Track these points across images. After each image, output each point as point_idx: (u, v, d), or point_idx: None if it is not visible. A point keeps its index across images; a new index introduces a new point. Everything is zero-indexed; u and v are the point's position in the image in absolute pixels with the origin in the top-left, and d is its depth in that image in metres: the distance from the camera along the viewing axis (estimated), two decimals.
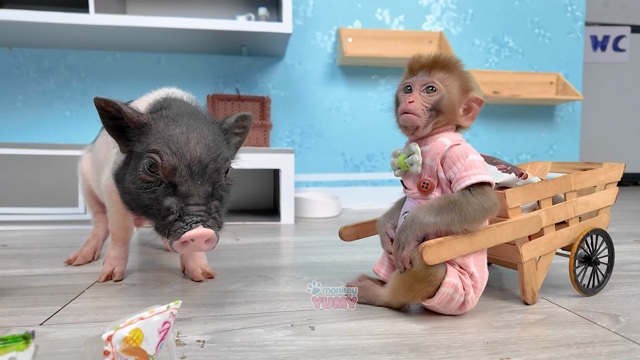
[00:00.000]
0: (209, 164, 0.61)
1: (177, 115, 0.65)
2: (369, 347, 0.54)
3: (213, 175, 0.62)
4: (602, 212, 0.79)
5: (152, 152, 0.60)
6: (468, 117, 0.66)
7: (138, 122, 0.64)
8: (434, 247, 0.58)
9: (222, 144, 0.65)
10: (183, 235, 0.56)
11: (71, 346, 0.54)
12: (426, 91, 0.64)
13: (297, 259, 1.02)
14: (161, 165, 0.59)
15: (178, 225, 0.57)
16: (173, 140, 0.60)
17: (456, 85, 0.64)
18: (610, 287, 0.79)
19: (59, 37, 1.62)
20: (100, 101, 0.64)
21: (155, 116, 0.65)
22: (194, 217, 0.58)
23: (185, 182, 0.59)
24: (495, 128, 2.12)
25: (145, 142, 0.62)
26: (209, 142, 0.62)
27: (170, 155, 0.59)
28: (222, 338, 0.56)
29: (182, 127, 0.62)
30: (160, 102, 0.71)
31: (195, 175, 0.60)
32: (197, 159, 0.60)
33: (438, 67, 0.65)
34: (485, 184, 0.61)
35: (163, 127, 0.62)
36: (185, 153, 0.60)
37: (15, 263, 0.96)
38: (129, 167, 0.65)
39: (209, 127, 0.65)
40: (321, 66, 1.96)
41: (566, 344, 0.55)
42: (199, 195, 0.60)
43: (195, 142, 0.61)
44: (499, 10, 2.08)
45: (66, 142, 1.79)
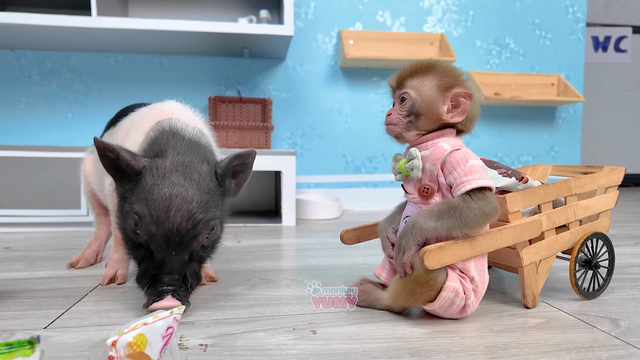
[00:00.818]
0: (187, 234, 0.61)
1: (169, 169, 0.64)
2: (370, 351, 0.54)
3: (191, 243, 0.62)
4: (602, 216, 0.80)
5: (135, 214, 0.62)
6: (457, 112, 0.65)
7: (134, 170, 0.64)
8: (435, 252, 0.59)
9: (211, 203, 0.65)
10: (150, 306, 0.60)
11: (75, 350, 0.54)
12: (400, 101, 0.67)
13: (298, 262, 1.03)
14: (140, 229, 0.61)
15: (149, 292, 0.62)
16: (155, 205, 0.61)
17: (431, 85, 0.65)
18: (611, 291, 0.80)
19: (61, 39, 1.63)
20: (100, 144, 0.65)
21: (149, 166, 0.64)
22: (165, 287, 0.61)
23: (161, 251, 0.61)
24: (497, 130, 2.12)
25: (134, 197, 0.64)
26: (192, 208, 0.62)
27: (149, 223, 0.60)
28: (225, 342, 0.57)
29: (167, 188, 0.62)
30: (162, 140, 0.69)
31: (172, 244, 0.61)
32: (175, 228, 0.60)
33: (409, 76, 0.67)
34: (486, 189, 0.61)
35: (150, 185, 0.62)
36: (164, 222, 0.60)
37: (18, 265, 0.97)
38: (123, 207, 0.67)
39: (198, 185, 0.64)
40: (322, 68, 1.96)
41: (566, 348, 0.56)
42: (172, 264, 0.62)
43: (175, 210, 0.61)
44: (500, 12, 2.08)
45: (68, 144, 1.80)
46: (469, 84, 0.68)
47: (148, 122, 0.74)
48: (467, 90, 0.64)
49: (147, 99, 1.81)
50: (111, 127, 0.95)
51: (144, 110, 0.82)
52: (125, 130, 0.83)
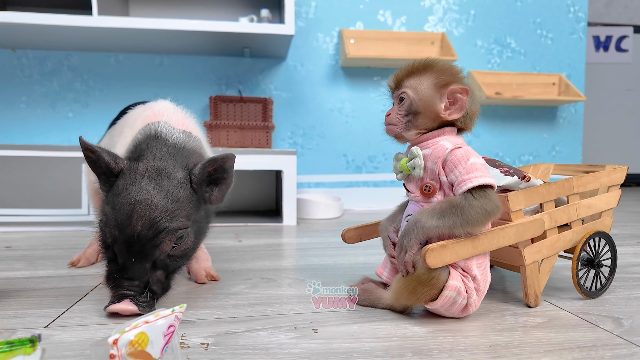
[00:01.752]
0: (148, 242, 0.61)
1: (141, 174, 0.64)
2: (372, 350, 0.54)
3: (152, 251, 0.62)
4: (604, 215, 0.79)
5: (104, 216, 0.63)
6: (455, 108, 0.64)
7: (112, 172, 0.66)
8: (437, 251, 0.58)
9: (179, 212, 0.64)
10: (108, 308, 0.61)
11: (76, 349, 0.54)
12: (399, 101, 0.67)
13: (299, 261, 1.03)
14: (106, 232, 0.63)
15: (111, 294, 0.63)
16: (120, 210, 0.62)
17: (428, 83, 0.65)
18: (613, 290, 0.79)
19: (62, 38, 1.63)
20: (82, 144, 0.66)
21: (125, 169, 0.65)
22: (123, 291, 0.61)
23: (122, 256, 0.62)
24: (498, 129, 2.12)
25: (107, 198, 0.65)
26: (156, 216, 0.61)
27: (113, 227, 0.62)
28: (226, 341, 0.57)
29: (132, 194, 0.62)
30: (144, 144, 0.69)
31: (133, 251, 0.61)
32: (135, 235, 0.61)
33: (407, 76, 0.67)
34: (487, 187, 0.61)
35: (120, 189, 0.64)
36: (126, 228, 0.61)
37: (19, 265, 0.97)
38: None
39: (167, 192, 0.63)
40: (323, 67, 1.96)
41: (569, 347, 0.56)
42: (132, 270, 0.62)
43: (137, 217, 0.61)
44: (501, 11, 2.08)
45: (69, 143, 1.80)
46: (467, 81, 0.67)
47: (139, 124, 0.75)
48: (464, 86, 0.64)
49: (148, 98, 1.80)
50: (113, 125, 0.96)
51: (139, 110, 0.82)
52: (120, 129, 0.84)
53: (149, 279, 0.63)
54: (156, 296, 0.65)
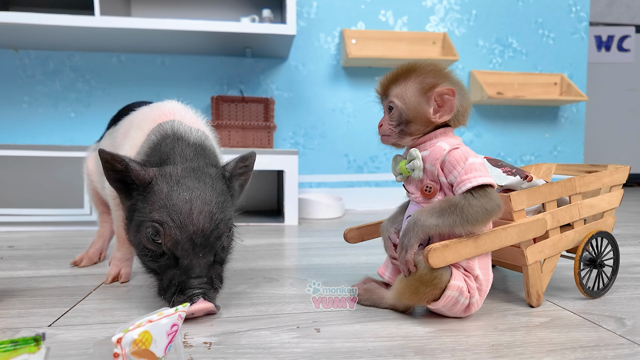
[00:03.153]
0: (211, 234, 0.61)
1: (181, 175, 0.63)
2: (375, 350, 0.54)
3: (215, 243, 0.62)
4: (607, 215, 0.79)
5: (155, 222, 0.60)
6: (444, 110, 0.63)
7: (144, 181, 0.63)
8: (439, 250, 0.59)
9: (226, 204, 0.65)
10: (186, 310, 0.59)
11: (80, 348, 0.54)
12: (388, 111, 0.67)
13: (301, 261, 1.03)
14: (164, 237, 0.60)
15: (178, 300, 0.60)
16: (176, 210, 0.60)
17: (413, 90, 0.64)
18: (615, 290, 0.79)
19: (64, 39, 1.63)
20: (107, 155, 0.62)
21: (159, 175, 0.63)
22: (195, 291, 0.59)
23: (187, 256, 0.60)
24: (499, 129, 2.11)
25: (148, 206, 0.62)
26: (212, 208, 0.62)
27: (173, 228, 0.59)
28: (229, 340, 0.57)
29: (185, 192, 0.61)
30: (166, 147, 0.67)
31: (198, 247, 0.60)
32: (200, 230, 0.60)
33: (392, 84, 0.67)
34: (488, 186, 0.61)
35: (167, 192, 0.61)
36: (188, 225, 0.60)
37: (22, 264, 0.97)
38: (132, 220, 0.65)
39: (213, 188, 0.64)
40: (325, 67, 1.96)
41: (571, 347, 0.56)
42: (200, 267, 0.61)
43: (198, 212, 0.60)
44: (502, 11, 2.08)
45: (71, 143, 1.80)
46: (454, 76, 0.66)
47: (148, 124, 0.73)
48: (450, 86, 0.63)
49: (150, 98, 1.81)
50: (112, 126, 0.94)
51: (144, 111, 0.80)
52: (125, 130, 0.81)
53: (212, 275, 0.63)
54: (217, 291, 0.64)
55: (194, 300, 0.59)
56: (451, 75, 0.66)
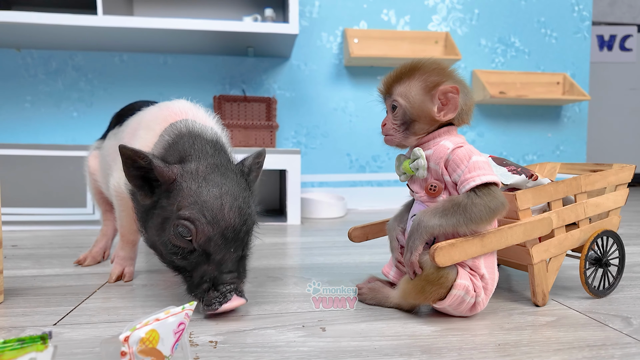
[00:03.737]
0: (242, 230, 0.62)
1: (206, 172, 0.63)
2: (381, 349, 0.54)
3: (245, 238, 0.63)
4: (612, 214, 0.79)
5: (186, 220, 0.59)
6: (448, 108, 0.63)
7: (168, 178, 0.62)
8: (446, 249, 0.58)
9: (250, 199, 0.66)
10: (220, 308, 0.59)
11: (86, 346, 0.54)
12: (392, 110, 0.66)
13: (304, 260, 1.03)
14: (196, 234, 0.59)
15: (213, 295, 0.60)
16: (208, 207, 0.60)
17: (417, 88, 0.64)
18: (621, 289, 0.79)
19: (66, 38, 1.63)
20: (129, 151, 0.61)
21: (184, 171, 0.62)
22: (228, 287, 0.60)
23: (220, 251, 0.60)
24: (502, 128, 2.11)
25: (175, 203, 0.60)
26: (241, 204, 0.62)
27: (205, 225, 0.59)
28: (235, 339, 0.57)
29: (214, 188, 0.61)
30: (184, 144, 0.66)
31: (229, 242, 0.61)
32: (231, 226, 0.60)
33: (395, 82, 0.66)
34: (492, 184, 0.61)
35: (195, 188, 0.61)
36: (220, 221, 0.60)
37: (26, 263, 0.97)
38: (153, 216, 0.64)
39: (237, 183, 0.64)
40: (327, 67, 1.96)
41: (578, 346, 0.55)
42: (231, 261, 0.61)
43: (229, 208, 0.61)
44: (505, 10, 2.07)
45: (74, 142, 1.80)
46: (457, 75, 0.66)
47: (160, 124, 0.72)
48: (453, 84, 0.62)
49: (152, 97, 1.80)
50: (116, 125, 0.93)
51: (153, 111, 0.78)
52: (132, 131, 0.79)
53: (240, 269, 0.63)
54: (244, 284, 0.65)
55: (228, 298, 0.60)
56: (454, 74, 0.66)
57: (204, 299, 0.61)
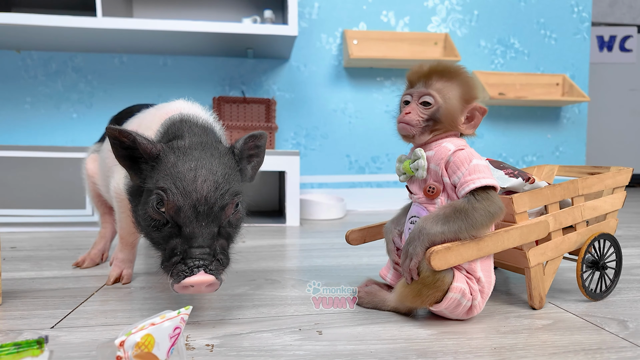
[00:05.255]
0: (215, 203, 0.59)
1: (188, 147, 0.63)
2: (377, 352, 0.54)
3: (219, 214, 0.60)
4: (609, 217, 0.79)
5: (160, 190, 0.59)
6: (470, 125, 0.66)
7: (151, 153, 0.62)
8: (442, 253, 0.58)
9: (233, 177, 0.64)
10: (183, 281, 0.56)
11: (82, 350, 0.54)
12: (423, 103, 0.65)
13: (303, 262, 1.03)
14: (167, 204, 0.59)
15: (180, 269, 0.57)
16: (180, 177, 0.59)
17: (456, 94, 0.64)
18: (618, 292, 0.79)
19: (66, 40, 1.63)
20: (114, 131, 0.62)
21: (167, 147, 0.63)
22: (196, 262, 0.57)
23: (190, 224, 0.58)
24: (501, 130, 2.11)
25: (155, 177, 0.61)
26: (218, 179, 0.61)
27: (176, 195, 0.58)
28: (231, 342, 0.57)
29: (190, 162, 0.61)
30: (174, 127, 0.68)
31: (201, 215, 0.59)
32: (203, 198, 0.59)
33: (436, 76, 0.65)
34: (490, 188, 0.61)
35: (173, 161, 0.61)
36: (192, 192, 0.58)
37: (24, 265, 0.97)
38: (141, 197, 0.64)
39: (220, 160, 0.64)
40: (326, 68, 1.96)
41: (574, 349, 0.55)
42: (203, 237, 0.58)
43: (202, 180, 0.59)
44: (504, 12, 2.07)
45: (73, 144, 1.80)
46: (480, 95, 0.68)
47: (156, 122, 0.73)
48: (483, 105, 0.65)
49: (152, 99, 1.81)
50: None
51: (151, 111, 0.80)
52: None
53: (216, 247, 0.60)
54: (222, 267, 0.61)
55: (194, 272, 0.56)
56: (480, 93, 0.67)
57: (171, 272, 0.58)
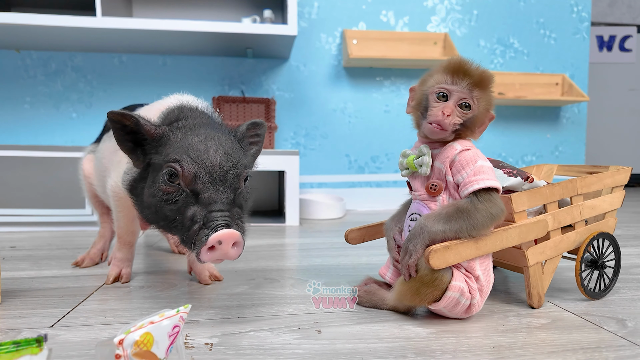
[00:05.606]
0: (229, 171, 0.61)
1: (194, 125, 0.65)
2: (376, 351, 0.54)
3: (234, 181, 0.61)
4: (608, 216, 0.79)
5: (172, 162, 0.59)
6: (480, 130, 0.68)
7: (155, 134, 0.63)
8: (440, 252, 0.59)
9: (240, 152, 0.65)
10: (210, 239, 0.55)
11: (81, 349, 0.54)
12: (462, 106, 0.62)
13: (302, 261, 1.03)
14: (182, 173, 0.59)
15: (203, 233, 0.56)
16: (192, 148, 0.60)
17: (485, 104, 0.65)
18: (617, 291, 0.79)
19: (66, 39, 1.63)
20: (116, 115, 0.62)
21: (172, 127, 0.64)
22: (219, 221, 0.56)
23: (208, 189, 0.59)
24: (501, 129, 2.11)
25: (163, 154, 0.62)
26: (228, 150, 0.62)
27: (190, 163, 0.59)
28: (230, 341, 0.57)
29: (200, 136, 0.62)
30: (174, 111, 0.70)
31: (217, 181, 0.59)
32: (217, 165, 0.60)
33: (481, 81, 0.63)
34: (492, 190, 0.61)
35: (181, 137, 0.62)
36: (206, 160, 0.59)
37: (24, 265, 0.97)
38: (146, 181, 0.64)
39: (226, 136, 0.65)
40: (326, 68, 1.96)
41: (572, 348, 0.56)
42: (221, 201, 0.59)
43: (214, 150, 0.61)
44: (504, 11, 2.07)
45: (73, 144, 1.80)
46: None
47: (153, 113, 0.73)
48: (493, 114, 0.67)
49: (151, 99, 1.80)
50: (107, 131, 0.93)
51: (146, 107, 0.81)
52: None
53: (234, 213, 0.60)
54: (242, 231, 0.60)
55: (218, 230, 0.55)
56: None
57: (195, 240, 0.57)
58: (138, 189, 0.66)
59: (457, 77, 0.63)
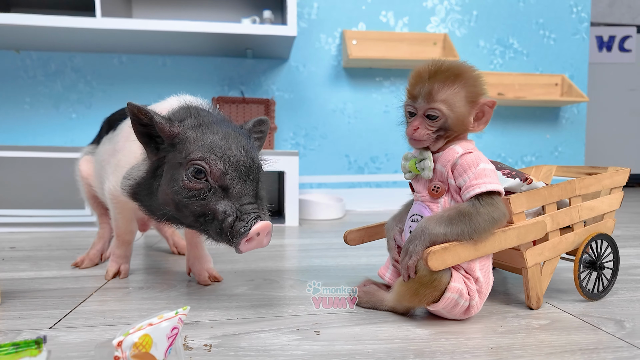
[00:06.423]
0: (252, 166, 0.64)
1: (209, 123, 0.67)
2: (374, 352, 0.54)
3: (256, 175, 0.65)
4: (607, 217, 0.79)
5: (198, 160, 0.62)
6: (481, 122, 0.65)
7: (170, 132, 0.65)
8: (439, 253, 0.59)
9: (254, 147, 0.69)
10: (250, 231, 0.59)
11: (81, 350, 0.55)
12: (429, 117, 0.63)
13: (301, 262, 1.03)
14: (210, 171, 0.61)
15: (239, 225, 0.60)
16: (216, 146, 0.63)
17: (461, 98, 0.63)
18: (615, 292, 0.79)
19: (65, 40, 1.63)
20: (133, 108, 0.64)
21: (186, 125, 0.66)
22: (253, 214, 0.61)
23: (237, 184, 0.62)
24: (500, 130, 2.11)
25: (183, 152, 0.63)
26: (246, 146, 0.65)
27: (217, 161, 0.62)
28: (229, 342, 0.57)
29: (219, 133, 0.65)
30: (181, 111, 0.70)
31: (243, 176, 0.63)
32: (241, 161, 0.63)
33: (437, 84, 0.62)
34: (495, 194, 0.61)
35: (201, 135, 0.64)
36: (231, 157, 0.63)
37: (24, 265, 0.97)
38: (159, 180, 0.66)
39: (239, 132, 0.68)
40: (325, 68, 1.96)
41: (570, 349, 0.56)
42: (250, 194, 0.63)
43: (236, 147, 0.64)
44: (503, 12, 2.08)
45: (72, 144, 1.80)
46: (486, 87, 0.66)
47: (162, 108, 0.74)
48: (490, 98, 0.64)
49: (151, 99, 1.81)
50: (109, 130, 0.92)
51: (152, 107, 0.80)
52: (127, 134, 0.80)
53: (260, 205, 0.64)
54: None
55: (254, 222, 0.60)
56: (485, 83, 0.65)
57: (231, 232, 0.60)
58: (146, 190, 0.67)
59: (414, 93, 0.64)
